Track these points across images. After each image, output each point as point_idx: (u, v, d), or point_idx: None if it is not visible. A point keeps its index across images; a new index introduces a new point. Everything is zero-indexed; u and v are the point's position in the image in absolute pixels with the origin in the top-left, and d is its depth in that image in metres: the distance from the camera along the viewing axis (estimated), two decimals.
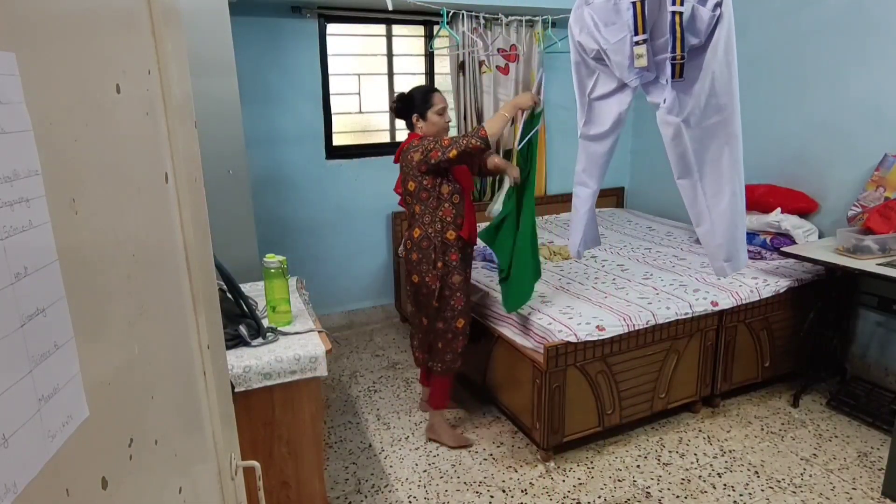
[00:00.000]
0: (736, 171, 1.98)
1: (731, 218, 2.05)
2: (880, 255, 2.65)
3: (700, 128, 1.92)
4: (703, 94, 1.86)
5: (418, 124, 2.57)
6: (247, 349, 1.71)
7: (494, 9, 3.89)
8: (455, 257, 2.53)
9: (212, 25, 2.38)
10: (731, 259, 2.12)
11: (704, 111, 1.89)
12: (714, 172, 2.00)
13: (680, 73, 1.78)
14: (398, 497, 2.39)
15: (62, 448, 0.47)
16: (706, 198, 2.02)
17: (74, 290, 0.50)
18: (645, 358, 2.66)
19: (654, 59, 1.87)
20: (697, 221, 2.11)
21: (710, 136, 1.93)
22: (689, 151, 1.95)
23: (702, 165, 1.98)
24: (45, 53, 0.48)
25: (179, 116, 0.79)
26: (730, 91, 1.86)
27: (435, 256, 2.50)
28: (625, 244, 3.72)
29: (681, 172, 2.03)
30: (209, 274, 0.90)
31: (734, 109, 1.89)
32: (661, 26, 1.83)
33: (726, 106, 1.88)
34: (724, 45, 1.81)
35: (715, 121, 1.90)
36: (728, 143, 1.94)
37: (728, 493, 2.38)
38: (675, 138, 1.97)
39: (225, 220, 2.49)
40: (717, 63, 1.82)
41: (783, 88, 3.44)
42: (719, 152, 1.96)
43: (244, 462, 1.01)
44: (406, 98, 2.59)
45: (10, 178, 0.43)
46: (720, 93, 1.86)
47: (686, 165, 1.99)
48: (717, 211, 2.04)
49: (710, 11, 1.76)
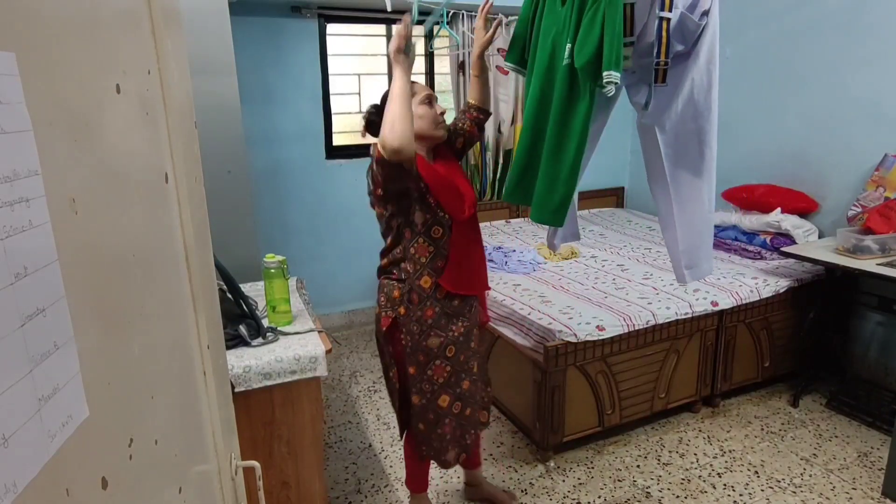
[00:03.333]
0: (707, 179, 1.97)
1: (696, 225, 2.05)
2: (880, 255, 2.65)
3: (675, 134, 1.93)
4: (681, 101, 1.87)
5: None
6: (247, 349, 1.71)
7: (494, 9, 3.88)
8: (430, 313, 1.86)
9: (212, 25, 2.38)
10: (692, 266, 2.12)
11: (681, 117, 1.90)
12: (684, 178, 2.00)
13: (663, 79, 1.78)
14: (398, 497, 2.39)
15: (62, 448, 0.47)
16: (674, 203, 2.02)
17: (74, 290, 0.50)
18: (645, 358, 2.67)
19: (638, 62, 1.88)
20: (664, 225, 2.12)
21: (684, 143, 1.94)
22: (661, 155, 1.96)
23: (673, 170, 1.98)
24: (45, 53, 0.48)
25: (179, 116, 0.79)
26: (708, 99, 1.87)
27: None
28: (625, 244, 3.72)
29: (653, 176, 2.05)
30: (209, 274, 0.90)
31: (711, 118, 1.89)
32: (647, 30, 1.83)
33: (703, 115, 1.89)
34: (707, 53, 1.82)
35: (691, 128, 1.91)
36: (701, 151, 1.94)
37: (728, 493, 2.38)
38: (649, 141, 1.98)
39: (225, 220, 2.49)
40: (697, 70, 1.83)
41: (783, 88, 3.44)
42: (691, 159, 1.96)
43: (244, 462, 1.01)
44: (382, 104, 1.86)
45: (10, 178, 0.42)
46: (698, 100, 1.87)
47: (657, 169, 2.00)
48: (683, 217, 2.04)
49: (697, 20, 1.77)
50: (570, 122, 1.89)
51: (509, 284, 3.00)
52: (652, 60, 1.81)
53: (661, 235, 3.83)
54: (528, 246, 3.58)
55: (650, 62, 1.82)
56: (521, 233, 4.03)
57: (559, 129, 1.92)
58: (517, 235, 3.95)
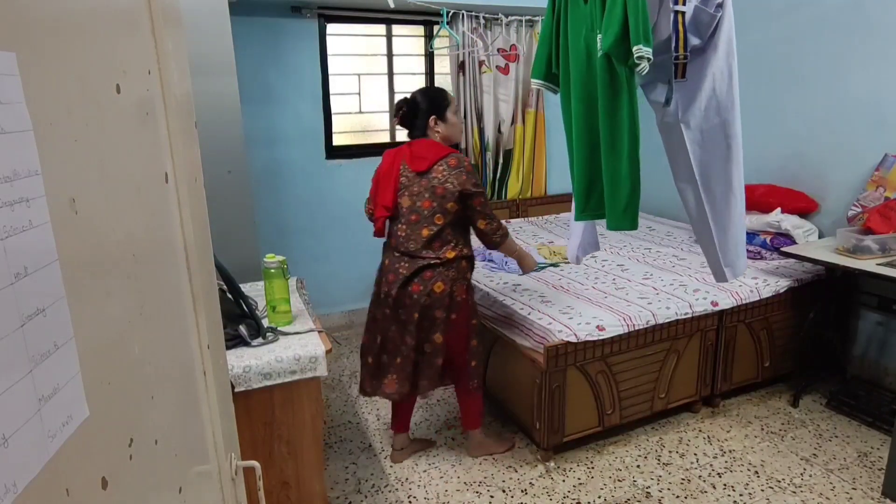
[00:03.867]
0: (736, 174, 1.97)
1: (731, 221, 2.04)
2: (880, 255, 2.65)
3: (700, 130, 1.91)
4: (703, 96, 1.86)
5: (436, 128, 2.31)
6: (247, 349, 1.71)
7: (494, 9, 3.89)
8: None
9: (212, 25, 2.38)
10: (731, 265, 2.11)
11: (705, 113, 1.88)
12: (714, 175, 1.99)
13: (683, 73, 1.78)
14: (398, 497, 2.39)
15: (62, 448, 0.47)
16: (706, 201, 2.01)
17: (74, 290, 0.50)
18: (645, 358, 2.67)
19: (653, 60, 1.87)
20: (697, 226, 2.10)
21: (711, 139, 1.93)
22: (688, 153, 1.94)
23: (702, 168, 1.97)
24: (45, 53, 0.48)
25: (179, 116, 0.79)
26: (730, 93, 1.86)
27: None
28: (625, 244, 3.72)
29: (680, 175, 2.03)
30: (209, 274, 0.90)
31: (734, 111, 1.88)
32: (660, 26, 1.83)
33: (727, 108, 1.88)
34: (725, 46, 1.81)
35: (715, 122, 1.90)
36: (728, 145, 1.93)
37: (728, 493, 2.38)
38: (674, 140, 1.96)
39: (225, 220, 2.49)
40: (717, 64, 1.82)
41: (783, 88, 3.44)
42: (719, 154, 1.95)
43: (244, 462, 1.01)
44: (418, 100, 2.31)
45: (10, 178, 0.42)
46: (720, 94, 1.86)
47: (686, 168, 1.99)
48: (716, 214, 2.02)
49: (712, 12, 1.77)
50: (617, 115, 1.89)
51: (509, 284, 3.00)
52: (666, 57, 1.80)
53: (661, 235, 3.85)
54: (529, 246, 3.58)
55: (664, 59, 1.81)
56: (522, 233, 4.03)
57: (610, 127, 1.91)
58: (517, 235, 3.95)
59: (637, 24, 1.68)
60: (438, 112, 2.31)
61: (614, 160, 1.96)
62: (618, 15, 1.72)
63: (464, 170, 2.23)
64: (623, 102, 1.88)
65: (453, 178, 2.22)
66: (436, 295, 2.26)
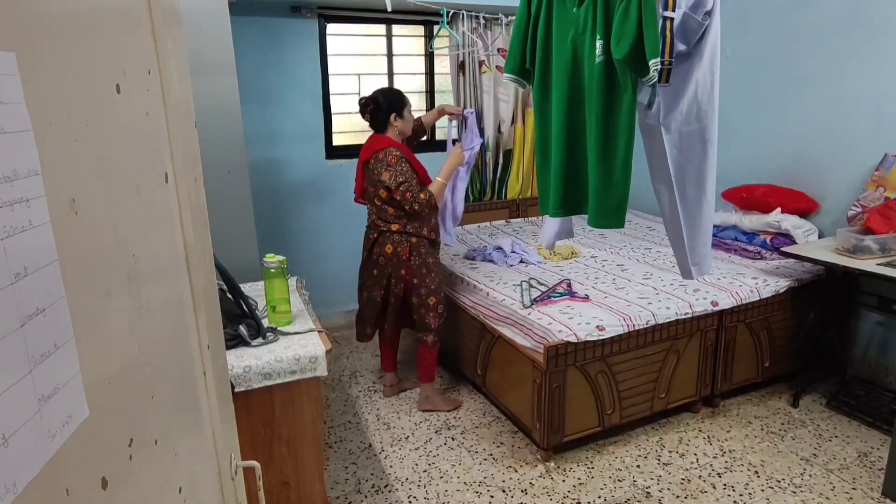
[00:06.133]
0: (710, 177, 2.01)
1: (701, 223, 2.08)
2: (880, 255, 2.65)
3: (679, 133, 1.95)
4: (685, 101, 1.89)
5: (395, 123, 2.74)
6: (247, 349, 1.71)
7: (494, 9, 3.89)
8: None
9: (212, 25, 2.38)
10: (698, 263, 2.15)
11: (686, 118, 1.92)
12: (689, 177, 2.02)
13: (666, 79, 1.79)
14: (398, 497, 2.39)
15: (62, 448, 0.47)
16: (679, 202, 2.04)
17: (74, 290, 0.50)
18: (645, 358, 2.67)
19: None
20: (669, 225, 2.14)
21: (688, 143, 1.96)
22: (666, 156, 1.98)
23: (677, 170, 2.01)
24: (45, 53, 0.48)
25: (179, 116, 0.79)
26: (711, 99, 1.90)
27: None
28: (625, 244, 3.72)
29: (657, 176, 2.06)
30: (209, 274, 0.90)
31: (713, 118, 1.92)
32: None
33: (707, 114, 1.92)
34: (710, 53, 1.84)
35: (695, 128, 1.93)
36: (704, 150, 1.96)
37: (728, 493, 2.38)
38: (654, 142, 1.99)
39: (225, 220, 2.49)
40: (702, 71, 1.85)
41: (783, 88, 3.44)
42: (696, 158, 1.98)
43: (244, 462, 1.01)
44: (380, 100, 2.73)
45: (10, 178, 0.43)
46: (702, 101, 1.89)
47: (663, 169, 2.02)
48: (687, 215, 2.06)
49: (700, 19, 1.78)
50: (615, 119, 1.97)
51: (509, 284, 3.00)
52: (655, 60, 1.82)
53: (661, 235, 3.85)
54: (529, 246, 3.58)
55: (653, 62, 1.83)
56: (522, 233, 4.03)
57: (603, 129, 1.99)
58: (517, 235, 3.95)
59: (653, 39, 1.75)
60: (398, 110, 2.73)
61: (607, 161, 2.02)
62: (631, 28, 1.78)
63: (385, 164, 2.66)
64: (624, 106, 1.94)
65: (379, 169, 2.68)
66: (387, 255, 2.80)
